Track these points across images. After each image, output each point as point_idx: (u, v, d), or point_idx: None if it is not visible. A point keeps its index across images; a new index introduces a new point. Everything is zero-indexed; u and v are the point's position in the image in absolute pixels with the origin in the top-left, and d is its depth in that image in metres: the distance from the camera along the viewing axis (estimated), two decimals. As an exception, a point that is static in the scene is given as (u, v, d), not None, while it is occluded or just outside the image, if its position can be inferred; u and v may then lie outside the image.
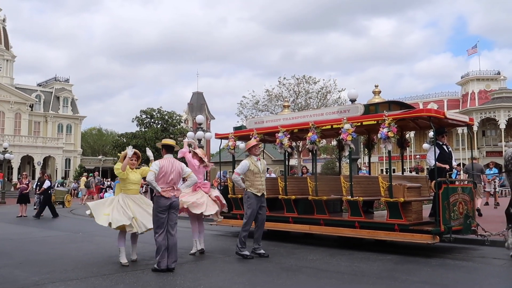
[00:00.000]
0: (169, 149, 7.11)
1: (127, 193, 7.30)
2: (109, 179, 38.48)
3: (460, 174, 15.88)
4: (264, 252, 7.82)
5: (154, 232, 6.78)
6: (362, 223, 8.66)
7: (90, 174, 32.98)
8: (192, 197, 8.06)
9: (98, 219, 7.19)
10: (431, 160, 8.54)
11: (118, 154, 9.22)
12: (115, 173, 7.32)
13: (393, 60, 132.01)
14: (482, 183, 15.66)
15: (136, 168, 7.46)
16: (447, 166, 8.69)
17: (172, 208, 6.81)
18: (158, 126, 50.64)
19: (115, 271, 6.75)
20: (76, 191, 31.95)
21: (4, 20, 51.87)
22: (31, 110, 52.10)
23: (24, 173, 20.93)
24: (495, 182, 17.86)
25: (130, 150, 7.33)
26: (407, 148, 10.76)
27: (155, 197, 6.83)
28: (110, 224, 7.08)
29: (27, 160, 48.64)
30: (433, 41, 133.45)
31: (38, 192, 18.56)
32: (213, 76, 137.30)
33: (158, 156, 7.52)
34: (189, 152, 8.48)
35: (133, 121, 51.02)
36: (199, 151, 8.38)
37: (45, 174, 18.78)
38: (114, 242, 7.53)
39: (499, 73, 48.45)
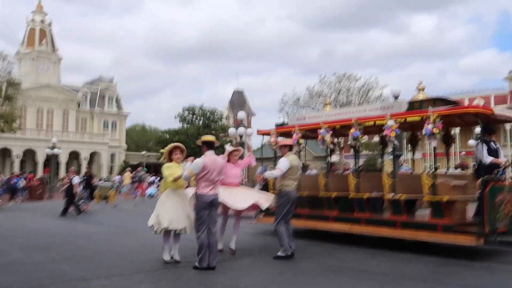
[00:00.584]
0: (210, 146, 7.00)
1: (173, 188, 7.20)
2: (153, 173, 39.16)
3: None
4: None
5: (196, 230, 6.80)
6: (404, 223, 8.46)
7: (144, 169, 33.52)
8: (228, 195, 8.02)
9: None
10: (486, 157, 8.11)
11: (162, 150, 9.21)
12: (166, 177, 7.12)
13: (435, 57, 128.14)
14: None
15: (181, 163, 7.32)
16: (504, 161, 8.29)
17: (213, 205, 6.82)
18: (200, 122, 51.26)
19: (158, 267, 6.89)
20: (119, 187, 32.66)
21: (50, 24, 53.74)
22: (78, 107, 53.88)
23: (72, 168, 21.64)
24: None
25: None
26: (453, 144, 10.42)
27: (196, 195, 6.82)
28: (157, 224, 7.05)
29: (74, 156, 50.32)
30: (477, 36, 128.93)
31: (83, 187, 19.14)
32: (253, 74, 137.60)
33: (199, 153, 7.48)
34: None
35: (175, 118, 51.91)
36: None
37: (72, 170, 18.98)
38: (157, 239, 7.64)
39: (551, 66, 46.21)
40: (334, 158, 37.50)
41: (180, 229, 7.02)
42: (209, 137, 7.16)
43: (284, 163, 7.77)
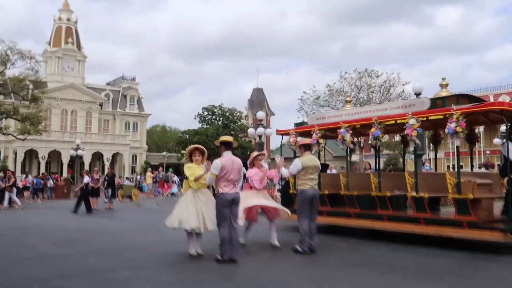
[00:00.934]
0: (228, 146, 7.12)
1: (195, 187, 7.30)
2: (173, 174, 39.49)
3: None
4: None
5: (217, 225, 6.88)
6: (428, 220, 8.42)
7: (171, 169, 34.04)
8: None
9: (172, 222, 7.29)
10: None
11: (182, 151, 9.32)
12: (188, 175, 7.24)
13: (462, 50, 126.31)
14: None
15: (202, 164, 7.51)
16: None
17: (234, 203, 6.90)
18: (219, 123, 51.53)
19: (181, 260, 7.01)
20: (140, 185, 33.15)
21: (76, 22, 54.74)
22: (101, 108, 54.75)
23: (95, 169, 22.08)
24: None
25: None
26: (477, 143, 10.30)
27: (217, 194, 6.90)
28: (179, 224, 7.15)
29: (97, 157, 51.11)
30: (505, 28, 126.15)
31: (105, 186, 19.57)
32: (274, 71, 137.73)
33: (217, 154, 7.57)
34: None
35: (195, 118, 52.26)
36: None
37: (84, 170, 19.50)
38: (179, 233, 7.73)
39: None
40: (354, 157, 37.34)
41: (191, 228, 7.06)
42: (227, 138, 7.31)
43: (295, 165, 7.86)
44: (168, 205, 21.96)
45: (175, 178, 31.68)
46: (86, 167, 48.28)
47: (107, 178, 20.13)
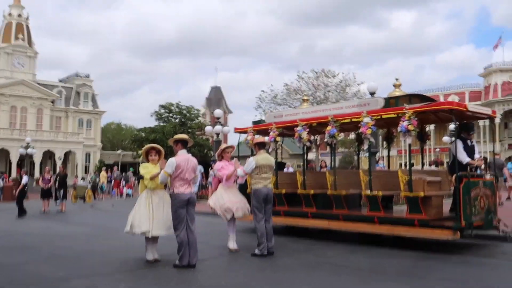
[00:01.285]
0: (183, 145, 7.02)
1: (151, 189, 7.18)
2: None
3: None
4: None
5: (174, 229, 6.75)
6: (382, 219, 8.62)
7: (131, 169, 33.33)
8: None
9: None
10: (463, 158, 8.27)
11: (139, 150, 9.15)
12: (143, 175, 7.12)
13: (414, 52, 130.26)
14: (504, 177, 15.43)
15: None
16: (479, 163, 8.49)
17: (190, 203, 6.81)
18: (176, 120, 50.96)
19: (138, 266, 6.87)
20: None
21: (27, 18, 52.71)
22: (53, 105, 52.95)
23: (47, 168, 21.31)
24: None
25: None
26: (427, 141, 10.62)
27: (172, 194, 6.78)
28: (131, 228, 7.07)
29: (48, 155, 49.45)
30: (455, 32, 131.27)
31: (57, 187, 18.93)
32: (232, 70, 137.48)
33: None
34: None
35: (151, 116, 51.47)
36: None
37: (22, 170, 18.79)
38: (137, 238, 7.57)
39: (523, 64, 47.42)
40: (311, 155, 37.82)
41: (141, 232, 6.95)
42: (182, 136, 7.20)
43: (249, 164, 7.87)
44: (123, 206, 21.55)
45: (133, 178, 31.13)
46: (37, 166, 46.71)
47: (58, 178, 19.42)
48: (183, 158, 6.83)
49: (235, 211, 8.07)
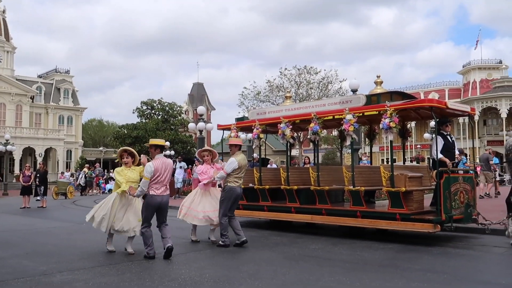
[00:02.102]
0: (160, 149, 7.16)
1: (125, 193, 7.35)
2: (111, 170, 38.67)
3: (467, 162, 16.03)
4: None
5: (141, 225, 7.02)
6: (364, 213, 8.75)
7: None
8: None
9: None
10: (438, 154, 8.45)
11: (120, 146, 9.30)
12: (120, 184, 7.30)
13: (394, 50, 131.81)
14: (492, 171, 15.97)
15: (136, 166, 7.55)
16: (449, 164, 8.68)
17: (162, 205, 7.02)
18: (159, 117, 50.70)
19: (121, 260, 6.87)
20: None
21: (4, 11, 51.73)
22: (32, 101, 52.11)
23: (27, 165, 21.04)
24: (495, 171, 17.95)
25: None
26: (408, 138, 10.80)
27: (148, 195, 6.92)
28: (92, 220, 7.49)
29: (28, 152, 48.75)
30: (434, 30, 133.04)
31: (37, 184, 18.76)
32: (214, 67, 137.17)
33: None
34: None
35: (133, 112, 51.16)
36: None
37: (27, 167, 18.67)
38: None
39: (500, 62, 48.29)
40: (294, 152, 38.01)
41: (99, 228, 7.40)
42: (158, 141, 7.36)
43: (232, 164, 8.01)
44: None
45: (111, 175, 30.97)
46: (17, 163, 45.99)
47: (38, 175, 19.23)
48: (160, 161, 6.98)
49: (198, 218, 8.30)
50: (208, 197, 8.47)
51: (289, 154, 11.47)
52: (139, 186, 7.03)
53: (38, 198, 18.84)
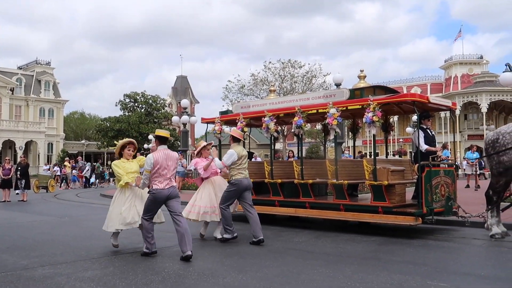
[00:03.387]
0: (163, 140, 6.89)
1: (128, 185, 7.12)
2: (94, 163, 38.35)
3: (448, 156, 16.30)
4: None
5: (143, 217, 6.68)
6: (347, 206, 8.84)
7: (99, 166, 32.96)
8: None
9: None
10: (422, 145, 8.59)
11: (104, 141, 9.12)
12: (120, 177, 7.06)
13: (378, 44, 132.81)
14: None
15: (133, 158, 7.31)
16: (438, 149, 8.82)
17: (171, 198, 6.65)
18: (142, 110, 50.33)
19: (104, 254, 6.83)
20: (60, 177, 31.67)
21: (-18, 2, 50.69)
22: (12, 93, 51.21)
23: (6, 158, 20.72)
24: (476, 165, 18.26)
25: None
26: (391, 132, 10.92)
27: (151, 190, 6.64)
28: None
29: (8, 145, 48.00)
30: (417, 25, 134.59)
31: (18, 177, 18.51)
32: (198, 60, 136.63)
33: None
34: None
35: (116, 105, 50.69)
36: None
37: (7, 160, 18.43)
38: (100, 226, 7.46)
39: (481, 57, 49.01)
40: (278, 145, 38.13)
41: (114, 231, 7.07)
42: (162, 132, 7.01)
43: (231, 156, 7.86)
44: (87, 196, 21.22)
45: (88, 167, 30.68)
46: (-4, 156, 45.27)
47: (20, 168, 18.95)
48: (162, 153, 6.67)
49: (199, 213, 8.09)
50: (209, 191, 8.21)
51: (273, 147, 11.49)
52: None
53: (18, 191, 18.56)
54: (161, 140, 6.88)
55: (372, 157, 9.12)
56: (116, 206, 7.03)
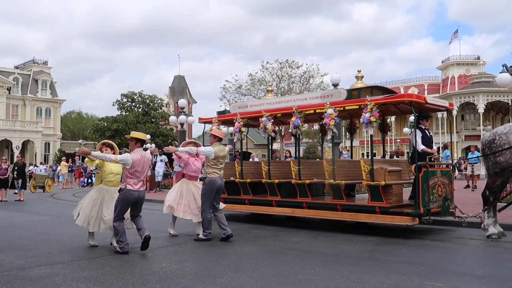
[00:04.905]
0: (140, 142, 7.02)
1: (108, 184, 7.30)
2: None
3: (449, 156, 16.31)
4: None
5: (114, 218, 6.84)
6: (344, 206, 8.84)
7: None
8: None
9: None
10: (419, 145, 8.60)
11: (100, 139, 9.22)
12: (97, 168, 7.29)
13: (375, 45, 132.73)
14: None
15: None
16: (434, 151, 8.84)
17: (139, 201, 6.91)
18: (139, 110, 50.22)
19: (101, 254, 6.81)
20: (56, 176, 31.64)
21: (-21, 1, 50.52)
22: (9, 93, 51.02)
23: (3, 158, 20.65)
24: (473, 165, 18.28)
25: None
26: (388, 132, 10.93)
27: (124, 189, 6.77)
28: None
29: (5, 145, 47.84)
30: (414, 26, 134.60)
31: (15, 177, 18.45)
32: (196, 59, 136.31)
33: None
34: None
35: (113, 105, 50.53)
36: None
37: (3, 160, 18.39)
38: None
39: (478, 58, 49.03)
40: (275, 146, 38.12)
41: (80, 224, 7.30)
42: (139, 134, 7.16)
43: (208, 151, 7.98)
44: (84, 195, 21.12)
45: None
46: (-7, 156, 45.13)
47: (16, 168, 18.91)
48: (139, 155, 6.82)
49: (179, 211, 8.23)
50: (192, 190, 8.35)
51: (270, 148, 11.49)
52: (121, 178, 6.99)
53: (16, 191, 18.51)
54: (137, 142, 6.95)
55: (369, 157, 9.13)
56: (87, 205, 7.27)
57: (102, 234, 7.51)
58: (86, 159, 7.23)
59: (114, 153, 7.38)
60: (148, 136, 31.13)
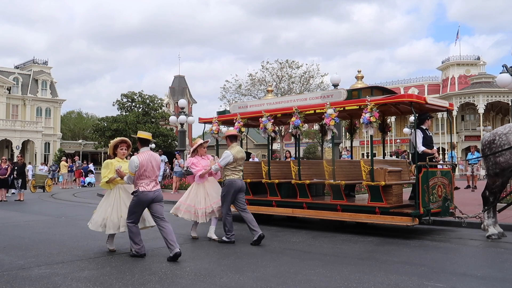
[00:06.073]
0: (145, 142, 6.88)
1: (123, 183, 7.06)
2: (91, 163, 38.33)
3: (453, 157, 16.31)
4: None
5: (127, 220, 6.65)
6: (344, 206, 8.84)
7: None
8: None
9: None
10: (420, 147, 8.58)
11: (101, 140, 9.06)
12: (102, 175, 7.07)
13: (375, 45, 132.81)
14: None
15: (126, 158, 7.24)
16: (434, 151, 8.84)
17: (155, 201, 6.64)
18: (140, 110, 50.22)
19: (101, 254, 6.81)
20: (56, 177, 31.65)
21: (-21, 1, 50.51)
22: (9, 93, 51.02)
23: (3, 158, 20.65)
24: (472, 166, 18.28)
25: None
26: (388, 132, 10.93)
27: (137, 193, 6.60)
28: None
29: (5, 144, 47.84)
30: (414, 26, 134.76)
31: (15, 176, 18.45)
32: (196, 60, 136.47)
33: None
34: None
35: (114, 105, 50.53)
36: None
37: (3, 159, 18.40)
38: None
39: (478, 58, 49.03)
40: (275, 146, 38.13)
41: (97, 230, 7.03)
42: (145, 134, 6.99)
43: (226, 158, 7.83)
44: (83, 195, 21.18)
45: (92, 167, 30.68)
46: (-7, 155, 45.12)
47: (16, 168, 18.91)
48: (146, 155, 6.67)
49: (196, 215, 8.12)
50: (203, 191, 8.21)
51: (270, 148, 11.49)
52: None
53: (14, 191, 18.51)
54: (143, 142, 6.85)
55: (369, 157, 9.12)
56: (102, 210, 7.02)
57: (101, 235, 7.40)
58: (103, 182, 7.06)
59: (129, 148, 7.31)
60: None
